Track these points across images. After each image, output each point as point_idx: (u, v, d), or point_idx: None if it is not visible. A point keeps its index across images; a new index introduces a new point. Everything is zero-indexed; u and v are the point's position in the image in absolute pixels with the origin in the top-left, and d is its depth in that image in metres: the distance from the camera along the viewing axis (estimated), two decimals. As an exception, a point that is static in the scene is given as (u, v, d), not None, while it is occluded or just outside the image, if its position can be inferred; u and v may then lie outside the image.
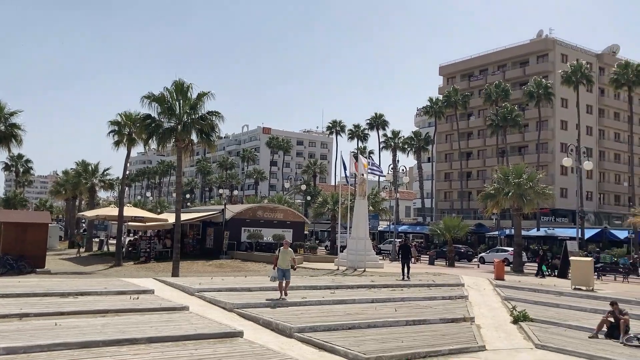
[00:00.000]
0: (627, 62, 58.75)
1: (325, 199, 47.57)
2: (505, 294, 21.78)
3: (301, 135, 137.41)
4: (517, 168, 36.26)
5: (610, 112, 76.85)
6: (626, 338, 13.77)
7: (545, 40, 74.73)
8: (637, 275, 33.95)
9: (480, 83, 78.15)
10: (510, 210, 38.54)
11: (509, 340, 14.43)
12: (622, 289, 24.95)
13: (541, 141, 68.02)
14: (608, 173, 75.87)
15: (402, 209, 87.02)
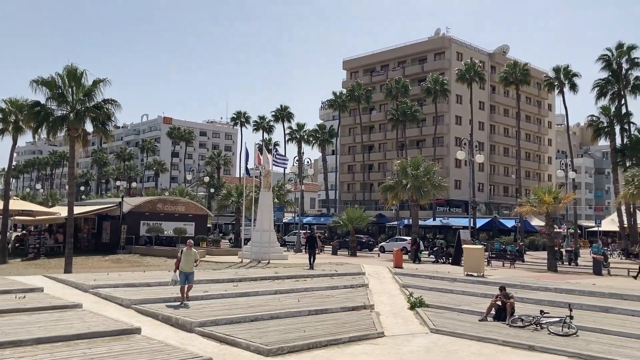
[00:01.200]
0: (516, 61, 62.85)
1: (229, 191, 46.98)
2: (403, 282, 22.63)
3: (204, 126, 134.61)
4: (415, 161, 37.76)
5: (500, 109, 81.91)
6: (511, 319, 14.76)
7: (442, 39, 78.14)
8: (522, 261, 36.51)
9: (382, 78, 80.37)
10: (408, 201, 40.03)
11: (406, 326, 15.00)
12: (509, 274, 26.71)
13: (437, 135, 71.23)
14: (498, 166, 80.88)
15: (307, 200, 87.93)
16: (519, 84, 61.00)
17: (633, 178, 27.83)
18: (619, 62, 50.88)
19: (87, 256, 34.65)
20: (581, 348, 12.13)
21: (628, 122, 51.41)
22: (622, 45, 50.81)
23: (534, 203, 31.02)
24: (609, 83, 51.57)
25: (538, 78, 72.61)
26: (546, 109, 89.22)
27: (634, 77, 51.13)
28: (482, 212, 68.71)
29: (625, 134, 51.20)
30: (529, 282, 22.16)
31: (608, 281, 24.28)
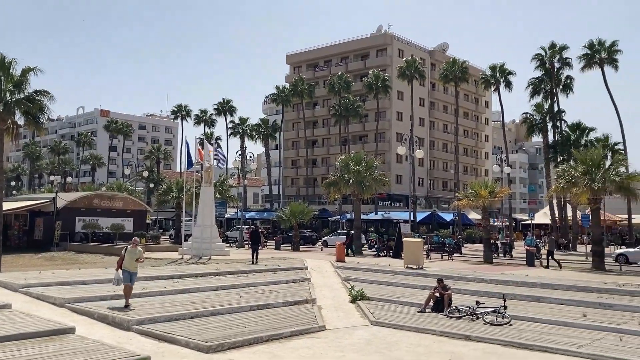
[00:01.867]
0: (455, 59, 64.47)
1: (169, 186, 45.99)
2: (345, 275, 22.85)
3: (144, 119, 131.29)
4: (357, 156, 38.09)
5: (440, 105, 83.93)
6: (449, 310, 15.17)
7: (384, 36, 79.21)
8: (460, 253, 37.58)
9: (325, 73, 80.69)
10: (351, 196, 40.40)
11: (347, 319, 15.15)
12: (447, 266, 27.45)
13: (379, 131, 72.25)
14: (437, 161, 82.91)
15: (250, 195, 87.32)
16: (458, 81, 62.64)
17: (564, 173, 28.98)
18: (552, 61, 52.99)
19: (18, 254, 33.17)
20: (514, 336, 12.60)
21: (560, 119, 53.67)
22: (554, 45, 52.94)
23: (471, 197, 31.95)
24: (543, 82, 53.65)
25: (476, 76, 74.74)
26: (483, 106, 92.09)
27: (565, 76, 53.40)
28: (422, 206, 70.31)
29: (557, 131, 53.44)
30: (466, 274, 22.84)
31: (540, 272, 25.31)
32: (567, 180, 28.11)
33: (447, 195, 78.39)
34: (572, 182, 27.80)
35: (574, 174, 27.87)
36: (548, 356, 11.29)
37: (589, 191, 27.06)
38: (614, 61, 50.49)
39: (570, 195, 30.60)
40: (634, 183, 29.06)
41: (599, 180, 26.70)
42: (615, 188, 27.83)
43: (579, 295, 17.87)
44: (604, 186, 27.30)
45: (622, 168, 30.61)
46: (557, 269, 26.83)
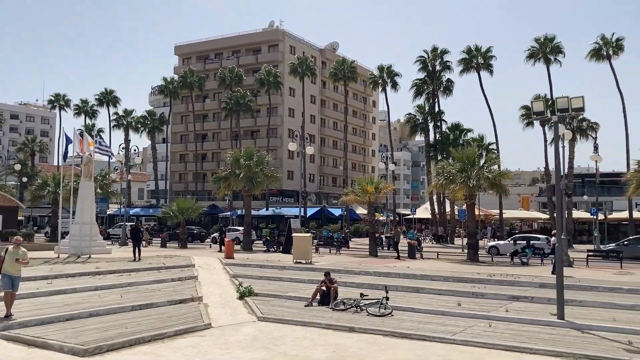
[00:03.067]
0: (344, 58, 66.03)
1: (45, 180, 42.85)
2: (234, 272, 22.62)
3: (16, 108, 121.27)
4: (248, 151, 37.83)
5: (330, 103, 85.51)
6: (334, 303, 15.51)
7: (276, 31, 79.25)
8: (347, 247, 38.63)
9: (216, 66, 79.22)
10: (241, 192, 40.04)
11: (234, 316, 14.99)
12: (335, 260, 28.07)
13: (271, 127, 72.23)
14: (328, 158, 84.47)
15: (135, 191, 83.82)
16: (347, 80, 64.21)
17: (442, 170, 30.70)
18: (434, 64, 55.94)
19: None
20: (395, 327, 13.14)
21: (440, 120, 56.83)
22: (436, 49, 55.91)
23: (358, 193, 32.93)
24: (425, 83, 56.50)
25: (364, 76, 76.99)
26: (371, 105, 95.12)
27: (445, 78, 56.62)
28: (312, 202, 71.34)
29: (437, 131, 56.53)
30: (352, 267, 23.49)
31: (420, 264, 26.63)
32: (445, 177, 29.79)
33: (336, 191, 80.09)
34: (450, 179, 29.51)
35: (452, 172, 29.61)
36: (426, 344, 11.88)
37: (465, 187, 28.86)
38: (489, 66, 54.29)
39: (448, 191, 32.44)
40: (504, 180, 31.47)
41: (474, 178, 28.56)
42: (488, 185, 29.86)
43: (454, 285, 19.01)
44: (479, 183, 29.24)
45: (495, 166, 33.01)
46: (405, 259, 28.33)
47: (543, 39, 50.81)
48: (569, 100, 14.18)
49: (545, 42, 50.68)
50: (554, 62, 50.98)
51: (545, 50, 50.56)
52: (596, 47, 49.35)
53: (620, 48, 48.78)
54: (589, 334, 12.36)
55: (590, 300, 16.13)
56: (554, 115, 14.70)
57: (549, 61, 50.69)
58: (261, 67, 70.15)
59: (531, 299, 16.54)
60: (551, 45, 50.55)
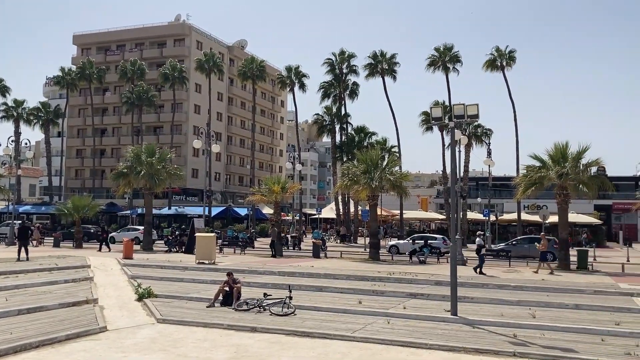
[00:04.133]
0: (253, 57, 65.58)
1: None
2: (132, 273, 21.79)
3: None
4: (149, 147, 36.57)
5: (238, 101, 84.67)
6: (237, 304, 15.36)
7: (183, 25, 77.30)
8: (253, 247, 38.40)
9: (117, 58, 75.93)
10: (142, 190, 38.64)
11: (131, 318, 14.44)
12: (240, 260, 27.84)
13: (175, 123, 70.27)
14: (234, 156, 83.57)
15: (26, 187, 78.25)
16: (255, 79, 63.80)
17: (347, 171, 31.34)
18: (341, 67, 56.96)
19: None
20: (297, 326, 13.23)
21: (346, 122, 57.94)
22: (344, 52, 56.96)
23: (265, 192, 32.85)
24: (332, 86, 57.39)
25: (273, 75, 76.91)
26: (279, 104, 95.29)
27: (352, 82, 57.82)
28: (218, 201, 70.25)
29: (343, 133, 57.63)
30: (257, 267, 23.40)
31: (325, 263, 27.03)
32: (350, 179, 30.45)
33: (243, 190, 79.42)
34: (354, 180, 30.21)
35: (356, 173, 30.32)
36: (328, 342, 12.05)
37: (368, 188, 29.66)
38: (393, 72, 56.10)
39: (352, 191, 33.16)
40: (405, 182, 32.67)
41: (376, 179, 29.41)
42: (390, 186, 30.88)
43: (356, 284, 19.47)
44: (381, 184, 30.16)
45: (396, 168, 34.18)
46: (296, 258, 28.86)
47: (443, 48, 53.25)
48: (464, 108, 14.94)
49: (444, 51, 53.14)
50: (452, 70, 53.58)
51: (444, 59, 53.01)
52: (491, 58, 52.45)
53: (513, 60, 52.16)
54: (479, 328, 13.10)
55: (481, 296, 17.10)
56: (451, 121, 15.43)
57: (448, 69, 53.21)
58: (166, 62, 68.01)
59: (427, 296, 17.28)
60: (450, 54, 53.09)
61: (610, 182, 28.51)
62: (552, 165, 26.92)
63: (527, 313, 14.59)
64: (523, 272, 23.91)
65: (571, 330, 12.81)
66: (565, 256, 26.53)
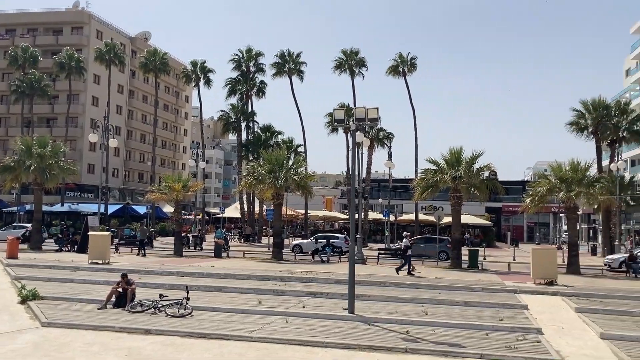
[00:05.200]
0: (156, 49, 63.29)
1: None
2: (16, 273, 20.38)
3: None
4: (41, 140, 34.35)
5: (140, 95, 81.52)
6: (131, 305, 14.76)
7: (81, 13, 73.31)
8: (151, 247, 37.10)
9: (7, 43, 70.56)
10: (31, 185, 36.20)
11: (13, 322, 13.47)
12: (136, 261, 26.83)
13: (71, 115, 66.40)
14: (134, 152, 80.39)
15: None
16: (158, 72, 61.73)
17: (252, 170, 31.12)
18: (248, 65, 56.45)
19: None
20: (194, 327, 12.92)
21: (252, 120, 57.51)
22: (251, 50, 56.51)
23: (165, 190, 31.85)
24: (239, 83, 56.75)
25: (177, 69, 74.75)
26: (184, 100, 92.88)
27: (259, 80, 57.49)
28: (115, 198, 67.29)
29: (250, 131, 57.16)
30: (154, 267, 22.65)
31: (226, 263, 26.66)
32: (254, 178, 30.24)
33: (143, 187, 76.48)
34: (259, 179, 30.04)
35: (261, 172, 30.17)
36: (224, 343, 11.87)
37: (273, 188, 29.63)
38: (300, 72, 56.39)
39: (257, 191, 32.96)
40: (310, 182, 32.97)
41: (281, 179, 29.44)
42: (295, 186, 31.03)
43: (257, 283, 19.37)
44: (286, 184, 30.23)
45: (302, 168, 34.39)
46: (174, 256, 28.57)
47: (349, 51, 54.27)
48: (365, 111, 15.31)
49: (351, 54, 54.18)
50: (358, 74, 54.71)
51: (350, 63, 54.05)
52: (394, 63, 54.16)
53: (414, 66, 54.16)
54: (374, 326, 13.45)
55: (378, 294, 17.59)
56: (353, 124, 15.74)
57: (354, 73, 54.26)
58: (62, 50, 64.09)
59: (327, 295, 17.51)
60: (356, 58, 54.19)
61: (500, 186, 30.39)
62: (447, 168, 28.25)
63: (421, 310, 15.18)
64: (418, 271, 24.86)
65: (460, 326, 13.48)
66: (458, 255, 27.92)
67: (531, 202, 27.70)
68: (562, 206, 31.44)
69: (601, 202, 29.88)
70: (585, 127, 42.68)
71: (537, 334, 12.87)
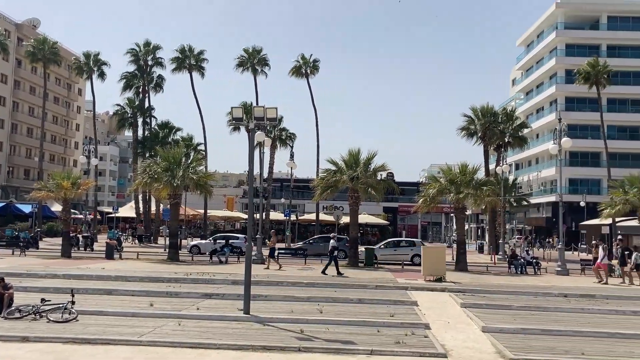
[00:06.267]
0: (45, 38, 59.28)
1: None
2: None
3: None
4: None
5: (26, 86, 76.00)
6: (8, 311, 13.68)
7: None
8: (37, 248, 34.82)
9: None
10: None
11: None
12: (19, 263, 25.04)
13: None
14: (20, 147, 74.86)
15: None
16: (48, 62, 58.01)
17: (147, 168, 30.04)
18: (146, 59, 54.43)
19: None
20: (78, 332, 12.19)
21: (150, 116, 55.53)
22: (149, 43, 54.52)
23: (52, 188, 29.96)
24: (136, 77, 54.55)
25: (70, 60, 70.53)
26: (76, 93, 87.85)
27: (157, 75, 55.58)
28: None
29: (147, 127, 55.16)
30: (38, 270, 21.25)
31: (118, 264, 25.57)
32: (150, 176, 29.20)
33: (29, 185, 71.33)
34: (155, 178, 29.03)
35: (157, 170, 29.18)
36: (111, 348, 11.30)
37: (170, 187, 28.74)
38: (201, 68, 55.24)
39: (152, 189, 31.85)
40: (210, 181, 32.34)
41: (179, 178, 28.63)
42: (193, 185, 30.29)
43: (150, 285, 18.70)
44: (184, 183, 29.43)
45: (202, 167, 33.68)
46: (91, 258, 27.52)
47: (252, 49, 53.96)
48: (264, 110, 15.24)
49: (253, 53, 53.90)
50: (260, 73, 54.55)
51: (253, 61, 53.76)
52: (297, 65, 54.55)
53: (317, 68, 54.85)
54: (269, 326, 13.40)
55: (275, 294, 17.58)
56: (251, 123, 15.61)
57: (257, 72, 54.04)
58: None
59: (223, 296, 17.24)
60: (259, 56, 53.99)
61: (395, 186, 31.51)
62: (346, 169, 28.85)
63: (316, 309, 15.35)
64: (317, 269, 25.17)
65: (353, 323, 13.76)
66: (355, 254, 28.61)
67: (423, 202, 28.96)
68: (452, 206, 33.06)
69: (487, 203, 31.88)
70: (475, 132, 45.36)
71: (424, 329, 13.41)
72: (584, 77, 48.98)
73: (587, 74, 48.54)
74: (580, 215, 53.82)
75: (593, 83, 48.49)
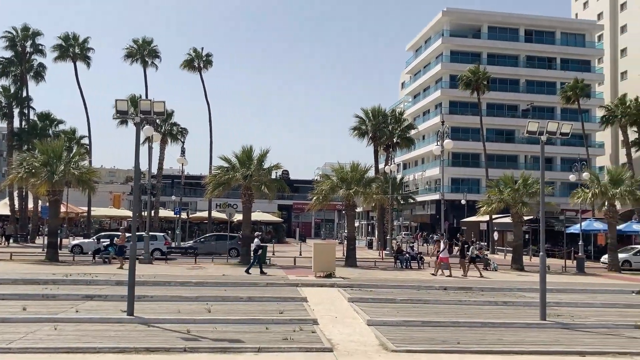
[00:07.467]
0: None
1: None
2: None
3: None
4: None
5: None
6: None
7: None
8: None
9: None
10: None
11: None
12: None
13: None
14: None
15: None
16: None
17: (24, 162, 27.95)
18: (24, 45, 50.54)
19: None
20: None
21: (28, 106, 51.64)
22: (28, 28, 50.59)
23: None
24: (12, 64, 50.49)
25: None
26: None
27: (37, 62, 51.78)
28: None
29: (24, 118, 51.26)
30: None
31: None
32: (26, 170, 27.22)
33: None
34: (32, 172, 27.11)
35: (35, 164, 27.25)
36: (-27, 358, 10.39)
37: (48, 183, 26.93)
38: (87, 58, 52.20)
39: (29, 185, 29.68)
40: (93, 177, 30.64)
41: (59, 173, 26.90)
42: (75, 181, 28.60)
43: (23, 288, 17.43)
44: (65, 178, 27.69)
45: (85, 162, 31.88)
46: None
47: (141, 41, 51.89)
48: (151, 104, 14.69)
49: (143, 44, 51.86)
50: (151, 65, 52.59)
51: (142, 53, 51.72)
52: (189, 58, 53.22)
53: (210, 62, 53.79)
54: (154, 327, 12.95)
55: (162, 294, 17.03)
56: (137, 117, 15.00)
57: (147, 64, 52.06)
58: None
59: (106, 297, 16.44)
60: (149, 48, 52.03)
61: (287, 185, 31.72)
62: (239, 166, 28.60)
63: (204, 308, 15.07)
64: (207, 268, 24.74)
65: (241, 321, 13.66)
66: (248, 252, 28.40)
67: (316, 200, 29.44)
68: (344, 204, 33.86)
69: (376, 201, 33.03)
70: (366, 132, 46.82)
71: (312, 325, 13.62)
72: (465, 83, 52.04)
73: (468, 80, 51.63)
74: (462, 212, 57.22)
75: (474, 89, 51.66)
